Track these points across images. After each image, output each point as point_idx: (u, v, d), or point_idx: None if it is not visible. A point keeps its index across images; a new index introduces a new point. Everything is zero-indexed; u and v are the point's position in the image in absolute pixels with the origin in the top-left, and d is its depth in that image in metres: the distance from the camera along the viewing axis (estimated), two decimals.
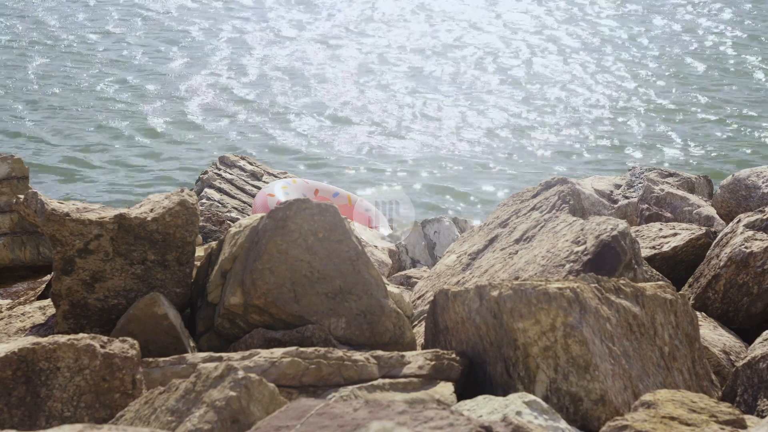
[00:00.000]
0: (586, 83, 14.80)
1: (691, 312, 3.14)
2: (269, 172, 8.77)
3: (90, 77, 13.96)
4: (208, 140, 12.10)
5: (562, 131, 12.96)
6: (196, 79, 14.11)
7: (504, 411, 2.35)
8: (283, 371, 2.75)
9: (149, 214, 3.58)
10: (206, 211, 6.82)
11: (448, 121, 13.15)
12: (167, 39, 15.98)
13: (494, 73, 15.08)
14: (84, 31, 16.09)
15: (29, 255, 4.51)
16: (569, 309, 2.68)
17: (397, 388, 2.77)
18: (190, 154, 11.64)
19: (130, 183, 10.76)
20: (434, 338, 3.19)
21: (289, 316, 3.28)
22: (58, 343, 2.60)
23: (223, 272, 3.51)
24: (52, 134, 11.93)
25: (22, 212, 3.70)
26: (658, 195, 5.94)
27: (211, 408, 2.16)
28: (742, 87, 14.87)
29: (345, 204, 8.08)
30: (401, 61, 15.49)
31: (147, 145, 11.83)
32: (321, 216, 3.41)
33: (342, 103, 13.49)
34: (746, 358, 3.17)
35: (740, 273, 4.03)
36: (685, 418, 2.28)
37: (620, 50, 16.45)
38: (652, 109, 13.86)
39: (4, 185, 4.59)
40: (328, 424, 1.89)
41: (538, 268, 3.70)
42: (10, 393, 2.55)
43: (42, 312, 3.84)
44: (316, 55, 15.51)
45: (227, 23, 17.02)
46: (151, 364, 2.88)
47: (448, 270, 4.40)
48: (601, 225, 3.66)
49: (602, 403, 2.59)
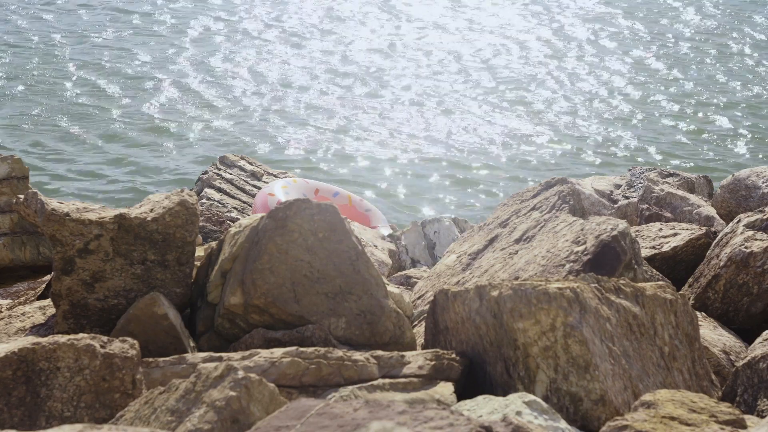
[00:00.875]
0: (586, 83, 14.80)
1: (691, 312, 3.14)
2: (269, 172, 8.77)
3: (61, 79, 13.90)
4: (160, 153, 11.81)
5: (562, 131, 12.97)
6: (157, 79, 14.03)
7: (504, 411, 2.35)
8: (283, 371, 2.75)
9: (149, 214, 3.58)
10: (206, 211, 6.82)
11: (447, 122, 13.15)
12: (135, 36, 15.93)
13: (495, 74, 15.08)
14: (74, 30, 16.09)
15: (29, 255, 4.51)
16: (569, 309, 2.68)
17: (397, 388, 2.77)
18: (151, 163, 11.43)
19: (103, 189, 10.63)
20: (434, 338, 3.19)
21: (289, 316, 3.28)
22: (58, 343, 2.60)
23: (223, 272, 3.51)
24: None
25: (22, 212, 3.70)
26: (658, 195, 5.94)
27: (211, 408, 2.16)
28: (743, 86, 14.87)
29: (345, 204, 8.08)
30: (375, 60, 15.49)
31: (110, 152, 11.64)
32: (321, 216, 3.41)
33: (307, 104, 13.45)
34: (746, 358, 3.17)
35: (740, 273, 4.03)
36: (685, 418, 2.28)
37: (621, 49, 16.45)
38: (652, 109, 13.85)
39: (4, 185, 4.59)
40: (328, 424, 1.89)
41: (538, 268, 3.70)
42: (10, 393, 2.55)
43: (42, 312, 3.84)
44: (285, 55, 15.46)
45: (197, 21, 16.97)
46: (151, 364, 2.88)
47: (448, 270, 4.40)
48: (601, 225, 3.66)
49: (602, 403, 2.59)
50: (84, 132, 12.09)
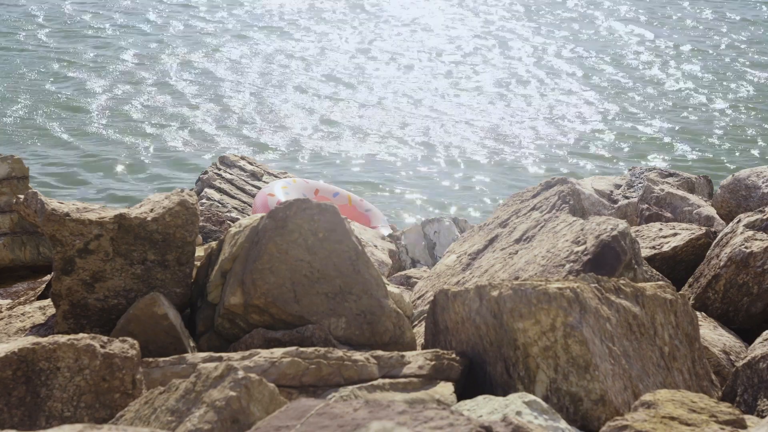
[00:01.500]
0: (586, 83, 14.81)
1: (691, 312, 3.14)
2: (269, 172, 8.77)
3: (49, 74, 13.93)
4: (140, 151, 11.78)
5: (562, 130, 12.97)
6: (149, 79, 14.03)
7: (504, 411, 2.35)
8: (283, 371, 2.75)
9: (149, 214, 3.58)
10: (206, 211, 6.82)
11: (447, 122, 13.15)
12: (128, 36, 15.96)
13: (495, 73, 15.09)
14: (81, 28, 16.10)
15: (29, 255, 4.51)
16: (569, 309, 2.68)
17: (397, 388, 2.77)
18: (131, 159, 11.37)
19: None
20: (434, 338, 3.19)
21: (289, 316, 3.28)
22: (58, 343, 2.60)
23: (223, 272, 3.51)
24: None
25: (22, 212, 3.70)
26: (658, 195, 5.94)
27: (211, 408, 2.16)
28: (744, 86, 14.87)
29: (345, 204, 8.08)
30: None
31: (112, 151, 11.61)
32: (321, 216, 3.41)
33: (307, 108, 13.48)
34: (746, 358, 3.17)
35: (740, 273, 4.03)
36: (685, 418, 2.28)
37: (621, 49, 16.45)
38: (651, 108, 13.85)
39: (4, 185, 4.59)
40: (328, 424, 1.89)
41: (538, 268, 3.70)
42: (10, 393, 2.55)
43: (42, 312, 3.84)
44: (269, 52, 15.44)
45: (178, 20, 16.95)
46: (151, 364, 2.88)
47: (448, 270, 4.40)
48: (601, 225, 3.66)
49: (602, 403, 2.59)
50: (72, 132, 12.07)
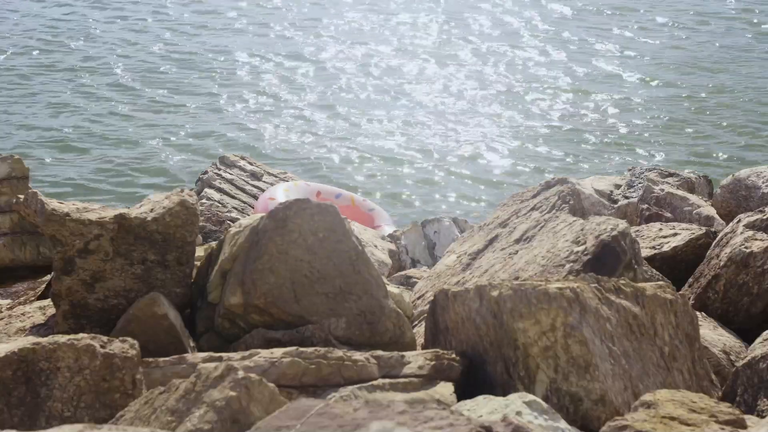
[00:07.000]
0: (586, 83, 14.81)
1: (691, 312, 3.14)
2: (269, 172, 8.78)
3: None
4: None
5: (562, 130, 12.97)
6: (153, 78, 14.02)
7: (504, 411, 2.35)
8: (283, 371, 2.76)
9: (149, 214, 3.58)
10: (206, 211, 6.82)
11: (447, 121, 13.16)
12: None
13: (495, 73, 15.09)
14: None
15: (29, 255, 4.51)
16: (569, 309, 2.68)
17: (397, 388, 2.77)
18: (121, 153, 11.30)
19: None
20: (434, 338, 3.19)
21: (289, 316, 3.29)
22: (58, 343, 2.60)
23: (223, 272, 3.51)
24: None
25: (22, 212, 3.70)
26: (658, 195, 5.94)
27: (211, 408, 2.16)
28: (743, 86, 14.87)
29: (348, 205, 8.08)
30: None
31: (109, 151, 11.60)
32: (321, 216, 3.41)
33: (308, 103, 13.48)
34: (746, 358, 3.17)
35: (740, 273, 4.03)
36: (685, 418, 2.28)
37: (620, 49, 16.46)
38: (651, 108, 13.86)
39: (4, 185, 4.59)
40: (328, 424, 1.89)
41: (538, 268, 3.70)
42: (10, 393, 2.55)
43: (42, 312, 3.84)
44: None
45: (192, 16, 16.94)
46: (151, 364, 2.88)
47: (448, 270, 4.40)
48: (601, 225, 3.66)
49: (602, 403, 2.59)
50: (72, 132, 12.06)
